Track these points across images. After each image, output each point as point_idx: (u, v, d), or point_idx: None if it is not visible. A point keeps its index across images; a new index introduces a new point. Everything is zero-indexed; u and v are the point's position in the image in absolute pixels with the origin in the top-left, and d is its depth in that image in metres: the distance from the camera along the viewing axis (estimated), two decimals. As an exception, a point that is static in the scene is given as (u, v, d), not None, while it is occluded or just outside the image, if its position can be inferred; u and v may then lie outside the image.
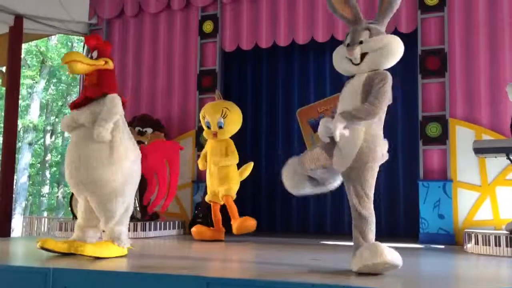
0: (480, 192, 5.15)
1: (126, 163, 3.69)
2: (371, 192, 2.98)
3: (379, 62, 3.04)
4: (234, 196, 5.35)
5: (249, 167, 5.59)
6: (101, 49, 3.90)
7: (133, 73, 6.87)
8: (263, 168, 6.62)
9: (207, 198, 5.44)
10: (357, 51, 3.01)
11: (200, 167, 5.53)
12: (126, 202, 3.76)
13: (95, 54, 3.85)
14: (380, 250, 2.80)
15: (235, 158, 5.38)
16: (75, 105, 3.82)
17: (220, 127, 5.35)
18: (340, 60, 3.17)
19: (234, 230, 5.20)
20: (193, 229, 5.39)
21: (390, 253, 2.82)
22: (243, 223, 5.21)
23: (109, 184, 3.62)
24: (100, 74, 3.83)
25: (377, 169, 3.05)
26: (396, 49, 3.06)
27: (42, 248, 3.61)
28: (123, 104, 3.89)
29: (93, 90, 3.77)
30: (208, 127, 5.43)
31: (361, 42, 3.03)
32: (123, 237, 3.73)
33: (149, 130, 6.14)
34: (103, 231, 3.78)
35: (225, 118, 5.36)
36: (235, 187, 5.38)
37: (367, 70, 3.05)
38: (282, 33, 6.12)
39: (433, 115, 5.41)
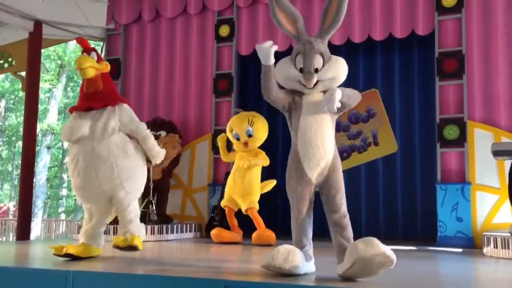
0: (499, 195, 5.09)
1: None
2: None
3: (329, 87, 3.09)
4: (257, 207, 5.32)
5: (270, 184, 5.57)
6: (96, 50, 3.91)
7: (150, 77, 6.92)
8: (279, 173, 6.60)
9: (223, 203, 5.46)
10: (314, 81, 3.05)
11: (223, 156, 5.55)
12: None
13: (94, 55, 3.83)
14: (376, 242, 2.71)
15: (265, 160, 5.42)
16: (79, 114, 3.84)
17: (250, 136, 5.37)
18: (288, 79, 3.19)
19: (253, 240, 5.19)
20: (213, 232, 5.40)
21: (385, 246, 2.73)
22: (261, 234, 5.17)
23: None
24: (105, 79, 3.87)
25: None
26: (344, 74, 3.15)
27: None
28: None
29: (100, 99, 3.80)
30: (238, 139, 5.43)
31: (316, 70, 3.06)
32: None
33: (163, 133, 6.15)
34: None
35: (253, 126, 5.38)
36: (257, 198, 5.37)
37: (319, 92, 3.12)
38: (298, 36, 6.12)
39: (451, 118, 5.37)
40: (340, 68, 3.13)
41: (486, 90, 5.30)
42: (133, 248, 3.59)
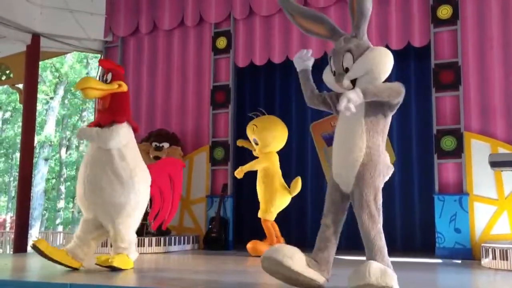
0: (497, 206, 5.10)
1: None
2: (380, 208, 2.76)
3: (371, 82, 2.82)
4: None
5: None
6: (115, 71, 3.97)
7: (148, 89, 6.94)
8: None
9: (273, 217, 5.38)
10: (346, 82, 2.82)
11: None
12: None
13: (109, 76, 3.92)
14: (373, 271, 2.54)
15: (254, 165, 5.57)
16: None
17: (257, 144, 5.53)
18: (333, 84, 2.95)
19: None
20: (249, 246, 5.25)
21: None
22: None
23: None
24: (113, 98, 3.90)
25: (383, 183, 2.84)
26: (385, 63, 2.85)
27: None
28: (135, 130, 4.04)
29: (104, 116, 3.87)
30: (256, 144, 5.55)
31: (346, 70, 2.83)
32: None
33: (166, 145, 6.15)
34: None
35: (256, 134, 5.55)
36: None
37: None
38: (295, 48, 6.13)
39: (448, 129, 5.39)
40: (372, 60, 2.80)
41: (483, 101, 5.32)
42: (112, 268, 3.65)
